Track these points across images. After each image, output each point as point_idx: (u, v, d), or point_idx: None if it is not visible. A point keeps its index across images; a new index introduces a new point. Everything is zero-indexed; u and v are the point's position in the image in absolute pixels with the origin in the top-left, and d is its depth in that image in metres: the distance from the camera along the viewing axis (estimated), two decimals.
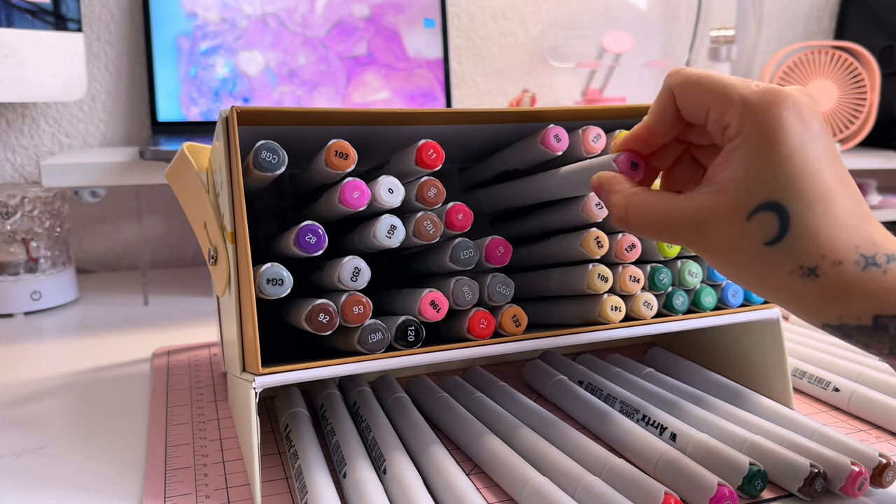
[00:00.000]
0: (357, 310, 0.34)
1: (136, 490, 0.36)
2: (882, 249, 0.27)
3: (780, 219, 0.27)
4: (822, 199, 0.27)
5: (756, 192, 0.28)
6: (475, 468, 0.37)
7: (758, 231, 0.28)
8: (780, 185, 0.27)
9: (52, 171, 0.62)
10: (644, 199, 0.31)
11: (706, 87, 0.30)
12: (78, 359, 0.54)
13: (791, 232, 0.27)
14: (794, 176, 0.27)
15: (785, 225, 0.27)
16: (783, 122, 0.28)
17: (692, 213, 0.29)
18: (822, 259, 0.27)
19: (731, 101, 0.29)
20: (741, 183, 0.28)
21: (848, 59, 0.94)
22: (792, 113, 0.28)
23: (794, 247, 0.27)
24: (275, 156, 0.34)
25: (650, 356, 0.52)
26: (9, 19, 0.63)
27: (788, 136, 0.28)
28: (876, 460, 0.35)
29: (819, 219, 0.27)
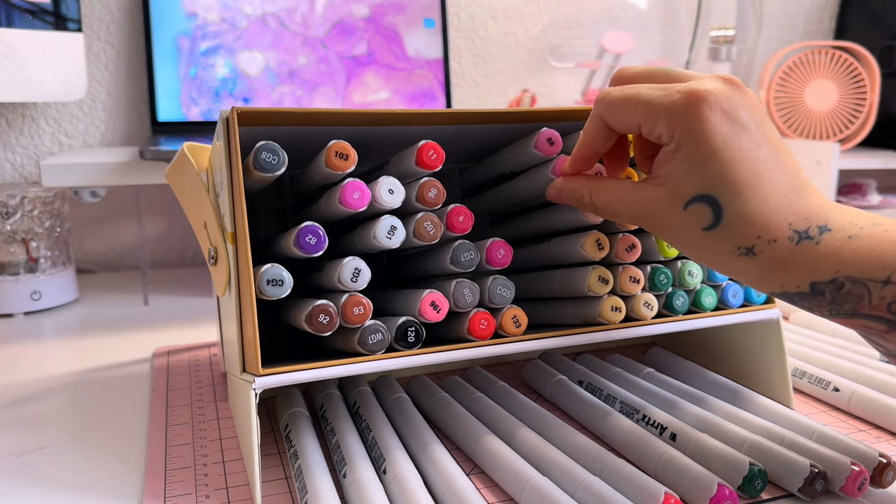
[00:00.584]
0: (357, 310, 0.34)
1: (136, 490, 0.36)
2: (815, 221, 0.30)
3: (712, 209, 0.30)
4: (751, 186, 0.30)
5: (688, 186, 0.31)
6: (475, 468, 0.37)
7: (695, 219, 0.31)
8: (708, 179, 0.30)
9: (52, 171, 0.62)
10: (603, 185, 0.35)
11: (631, 108, 0.32)
12: (78, 359, 0.54)
13: (724, 219, 0.30)
14: (720, 170, 0.30)
15: (718, 213, 0.30)
16: (705, 123, 0.30)
17: (641, 200, 0.33)
18: (758, 239, 0.30)
19: (655, 115, 0.31)
20: (675, 178, 0.31)
21: (848, 59, 0.94)
22: (714, 112, 0.30)
23: (730, 231, 0.30)
24: (275, 156, 0.34)
25: (650, 356, 0.52)
26: (9, 19, 0.63)
27: (713, 135, 0.30)
28: (876, 460, 0.35)
29: (749, 204, 0.30)
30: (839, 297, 0.29)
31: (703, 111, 0.30)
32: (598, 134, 0.35)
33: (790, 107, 0.96)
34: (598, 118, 0.34)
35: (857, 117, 0.94)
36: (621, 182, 0.34)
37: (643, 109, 0.32)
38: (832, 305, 0.30)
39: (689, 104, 0.30)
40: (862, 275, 0.28)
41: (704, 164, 0.30)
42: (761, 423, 0.39)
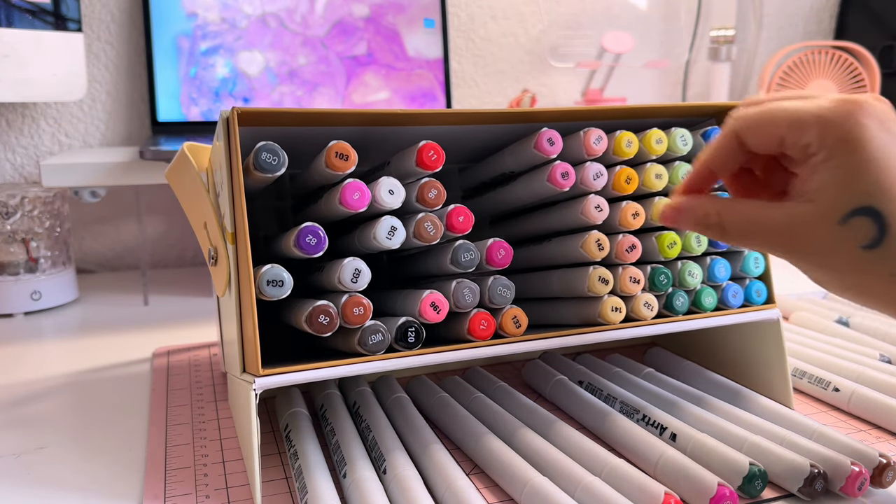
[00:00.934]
0: (357, 311, 0.34)
1: (136, 490, 0.36)
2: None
3: (876, 222, 0.27)
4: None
5: (846, 197, 0.28)
6: (475, 468, 0.37)
7: (853, 235, 0.28)
8: (869, 189, 0.27)
9: (52, 171, 0.62)
10: (735, 204, 0.31)
11: (776, 121, 0.30)
12: (78, 359, 0.54)
13: (890, 234, 0.27)
14: (883, 177, 0.27)
15: (882, 228, 0.27)
16: (863, 129, 0.28)
17: (783, 219, 0.29)
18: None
19: (806, 124, 0.29)
20: (829, 190, 0.28)
21: (848, 59, 0.94)
22: (871, 119, 0.28)
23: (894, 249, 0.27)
24: (275, 157, 0.34)
25: (650, 356, 0.52)
26: (9, 19, 0.63)
27: (870, 141, 0.27)
28: (876, 460, 0.35)
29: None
30: None
31: (860, 117, 0.28)
32: (727, 152, 0.32)
33: None
34: (731, 135, 0.31)
35: None
36: (756, 202, 0.31)
37: (790, 118, 0.29)
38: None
39: (847, 110, 0.28)
40: None
41: (863, 172, 0.27)
42: (761, 424, 0.39)
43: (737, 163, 0.32)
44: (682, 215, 0.33)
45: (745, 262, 0.43)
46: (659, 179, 0.41)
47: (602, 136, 0.40)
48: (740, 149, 0.31)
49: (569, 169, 0.39)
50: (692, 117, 0.45)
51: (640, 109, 0.42)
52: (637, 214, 0.41)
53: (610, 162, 0.41)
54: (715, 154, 0.32)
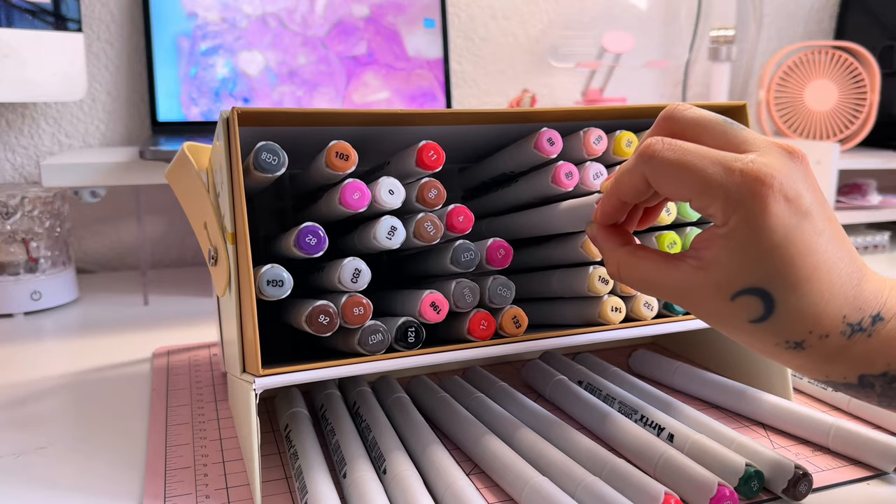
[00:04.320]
0: (357, 311, 0.34)
1: (136, 490, 0.36)
2: (868, 311, 0.28)
3: (764, 302, 0.28)
4: (809, 280, 0.27)
5: (739, 278, 0.28)
6: (475, 468, 0.37)
7: (742, 311, 0.28)
8: (764, 274, 0.27)
9: (52, 171, 0.62)
10: (636, 263, 0.32)
11: (684, 179, 0.28)
12: (78, 359, 0.54)
13: (776, 314, 0.28)
14: (778, 265, 0.27)
15: (769, 308, 0.28)
16: (768, 215, 0.27)
17: (679, 283, 0.30)
18: (809, 334, 0.28)
19: (712, 196, 0.28)
20: (724, 267, 0.28)
21: (848, 59, 0.94)
22: (777, 200, 0.27)
23: (780, 325, 0.28)
24: (275, 157, 0.34)
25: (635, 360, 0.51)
26: (9, 19, 0.63)
27: (774, 229, 0.27)
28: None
29: (805, 299, 0.27)
30: (890, 390, 0.28)
31: (767, 200, 0.27)
32: (636, 189, 0.31)
33: (790, 107, 0.96)
34: (640, 175, 0.30)
35: (857, 117, 0.94)
36: (655, 258, 0.31)
37: (698, 185, 0.28)
38: (882, 398, 0.28)
39: (752, 191, 0.27)
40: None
41: (761, 259, 0.27)
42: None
43: (646, 195, 0.31)
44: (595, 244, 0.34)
45: None
46: None
47: (602, 136, 0.40)
48: (648, 187, 0.30)
49: (573, 169, 0.39)
50: None
51: (640, 109, 0.42)
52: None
53: (610, 162, 0.41)
54: (621, 186, 0.31)
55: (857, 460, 0.37)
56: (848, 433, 0.38)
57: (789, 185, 0.27)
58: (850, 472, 0.36)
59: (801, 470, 0.34)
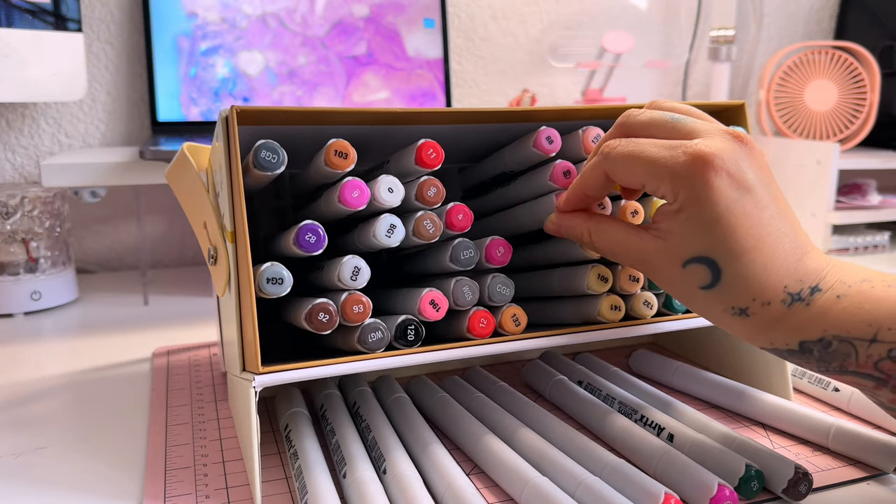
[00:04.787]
0: (357, 309, 0.34)
1: (136, 490, 0.36)
2: (808, 283, 0.30)
3: (711, 270, 0.31)
4: (752, 250, 0.30)
5: (689, 246, 0.31)
6: (475, 468, 0.37)
7: (692, 278, 0.31)
8: (709, 243, 0.30)
9: (52, 171, 0.62)
10: (604, 227, 0.35)
11: (636, 167, 0.32)
12: (78, 359, 0.54)
13: (722, 281, 0.31)
14: (722, 235, 0.30)
15: (717, 275, 0.31)
16: (711, 189, 0.30)
17: (641, 250, 0.33)
18: (752, 301, 0.30)
19: (660, 177, 0.31)
20: (676, 237, 0.31)
21: (848, 59, 0.94)
22: (720, 176, 0.30)
23: (726, 292, 0.31)
24: (274, 155, 0.34)
25: (635, 360, 0.51)
26: (9, 19, 0.63)
27: (717, 200, 0.30)
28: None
29: (748, 268, 0.30)
30: (827, 356, 0.30)
31: (708, 176, 0.30)
32: (597, 183, 0.35)
33: (790, 107, 0.96)
34: (599, 170, 0.34)
35: (857, 117, 0.94)
36: (622, 226, 0.34)
37: (648, 169, 0.31)
38: (820, 363, 0.30)
39: (695, 168, 0.30)
40: (849, 333, 0.29)
41: (707, 229, 0.30)
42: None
43: (608, 189, 0.35)
44: (562, 230, 0.38)
45: None
46: None
47: (601, 134, 0.40)
48: (609, 180, 0.34)
49: (571, 167, 0.39)
50: None
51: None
52: (636, 212, 0.41)
53: None
54: (584, 181, 0.35)
55: (857, 460, 0.37)
56: (848, 433, 0.38)
57: (731, 163, 0.30)
58: (849, 472, 0.36)
59: (801, 470, 0.34)
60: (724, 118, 0.45)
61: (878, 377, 0.29)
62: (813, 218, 0.87)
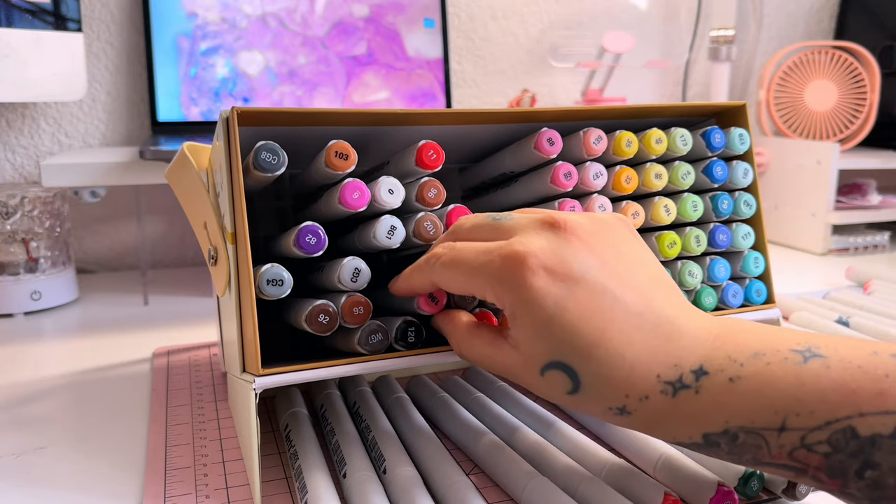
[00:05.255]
0: (357, 311, 0.34)
1: (136, 490, 0.36)
2: (687, 366, 0.26)
3: (568, 375, 0.28)
4: (599, 345, 0.27)
5: (538, 354, 0.28)
6: (475, 468, 0.37)
7: (555, 384, 0.28)
8: (553, 346, 0.27)
9: (52, 171, 0.62)
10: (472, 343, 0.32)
11: (458, 276, 0.30)
12: (78, 359, 0.54)
13: (584, 384, 0.27)
14: (561, 336, 0.27)
15: (575, 379, 0.28)
16: (531, 290, 0.27)
17: (503, 363, 0.30)
18: (626, 399, 0.27)
19: (481, 285, 0.29)
20: (524, 345, 0.29)
21: (848, 59, 0.94)
22: (537, 275, 0.27)
23: (594, 394, 0.27)
24: (275, 156, 0.34)
25: None
26: (9, 19, 0.63)
27: (543, 302, 0.27)
28: None
29: (604, 364, 0.27)
30: (736, 448, 0.26)
31: (525, 277, 0.27)
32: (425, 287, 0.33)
33: (790, 107, 0.96)
34: (427, 278, 0.33)
35: (857, 117, 0.94)
36: (486, 338, 0.31)
37: (469, 277, 0.30)
38: (731, 455, 0.26)
39: (511, 270, 0.28)
40: (754, 424, 0.25)
41: (544, 331, 0.28)
42: None
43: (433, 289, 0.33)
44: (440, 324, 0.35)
45: (745, 261, 0.43)
46: (658, 179, 0.41)
47: (602, 136, 0.40)
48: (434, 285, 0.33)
49: (571, 169, 0.39)
50: (692, 117, 0.45)
51: (640, 109, 0.42)
52: (637, 214, 0.41)
53: (610, 162, 0.41)
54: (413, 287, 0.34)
55: None
56: None
57: (547, 257, 0.28)
58: None
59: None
60: (725, 118, 0.45)
61: (795, 467, 0.25)
62: (813, 218, 0.87)
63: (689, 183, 0.41)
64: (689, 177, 0.41)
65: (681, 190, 0.42)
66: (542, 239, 0.28)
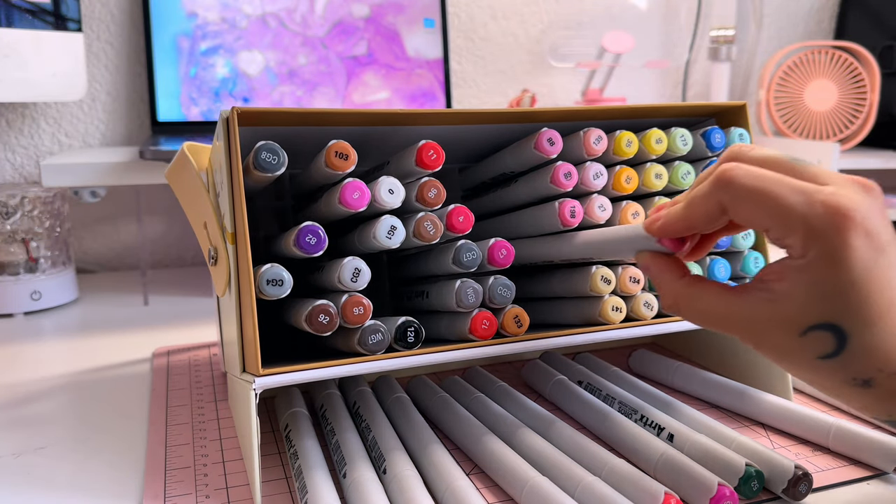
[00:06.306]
0: (357, 311, 0.34)
1: (136, 490, 0.36)
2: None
3: (836, 338, 0.27)
4: (884, 317, 0.26)
5: (813, 312, 0.27)
6: (475, 468, 0.37)
7: (812, 346, 0.27)
8: (839, 309, 0.26)
9: (52, 171, 0.62)
10: (697, 294, 0.30)
11: (765, 206, 0.27)
12: (78, 359, 0.54)
13: (847, 350, 0.27)
14: (855, 302, 0.26)
15: (842, 344, 0.27)
16: (850, 249, 0.26)
17: (746, 317, 0.28)
18: (878, 372, 0.27)
19: (791, 225, 0.27)
20: (797, 300, 0.27)
21: (848, 59, 0.94)
22: (859, 235, 0.26)
23: (850, 362, 0.27)
24: (275, 156, 0.34)
25: (635, 360, 0.51)
26: (9, 19, 0.63)
27: (854, 264, 0.26)
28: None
29: (878, 337, 0.26)
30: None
31: (848, 235, 0.26)
32: (709, 215, 0.29)
33: (790, 107, 0.96)
34: (715, 202, 0.29)
35: (857, 117, 0.94)
36: (717, 290, 0.30)
37: (779, 214, 0.27)
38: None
39: (834, 224, 0.26)
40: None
41: (838, 294, 0.26)
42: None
43: (721, 224, 0.30)
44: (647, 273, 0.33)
45: (745, 261, 0.43)
46: (659, 179, 0.41)
47: (602, 136, 0.40)
48: (723, 214, 0.29)
49: (571, 169, 0.39)
50: (692, 117, 0.45)
51: (640, 109, 0.42)
52: (637, 214, 0.41)
53: (610, 162, 0.41)
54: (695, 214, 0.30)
55: (857, 460, 0.37)
56: (848, 433, 0.38)
57: (870, 220, 0.26)
58: (849, 471, 0.36)
59: (801, 470, 0.34)
60: (725, 118, 0.45)
61: None
62: None
63: (689, 183, 0.41)
64: (689, 177, 0.41)
65: (681, 190, 0.42)
66: (863, 198, 0.27)
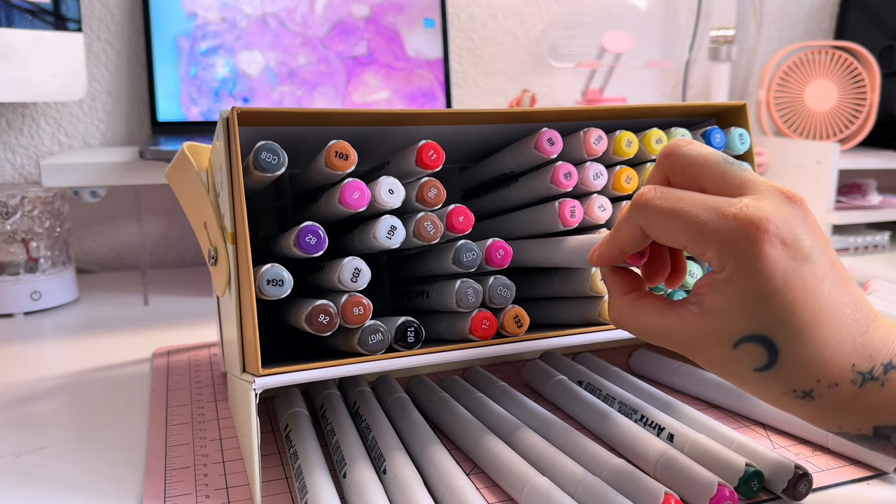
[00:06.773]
0: (357, 311, 0.34)
1: (136, 490, 0.36)
2: (879, 359, 0.27)
3: (767, 350, 0.27)
4: (812, 326, 0.26)
5: (740, 324, 0.27)
6: (475, 468, 0.37)
7: (745, 359, 0.27)
8: (764, 320, 0.27)
9: (52, 171, 0.62)
10: (639, 310, 0.31)
11: (677, 227, 0.28)
12: (78, 359, 0.54)
13: (780, 362, 0.27)
14: (779, 311, 0.26)
15: (773, 355, 0.27)
16: (765, 260, 0.26)
17: (682, 332, 0.29)
18: (817, 383, 0.27)
19: (705, 242, 0.27)
20: (724, 314, 0.27)
21: (848, 59, 0.94)
22: (774, 245, 0.26)
23: (785, 374, 0.27)
24: (275, 156, 0.34)
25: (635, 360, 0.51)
26: (9, 19, 0.63)
27: (772, 274, 0.26)
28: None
29: (809, 346, 0.26)
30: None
31: (762, 245, 0.26)
32: (633, 238, 0.30)
33: (790, 107, 0.96)
34: (635, 224, 0.30)
35: (857, 117, 0.94)
36: (656, 306, 0.30)
37: (692, 231, 0.28)
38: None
39: (747, 235, 0.26)
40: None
41: (761, 305, 0.26)
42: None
43: (646, 244, 0.31)
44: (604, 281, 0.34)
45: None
46: None
47: (602, 136, 0.40)
48: (646, 236, 0.30)
49: (571, 169, 0.39)
50: (692, 117, 0.45)
51: (640, 109, 0.42)
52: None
53: (610, 162, 0.41)
54: (618, 237, 0.31)
55: (857, 460, 0.37)
56: None
57: (786, 229, 0.27)
58: (849, 472, 0.36)
59: (801, 470, 0.34)
60: (725, 118, 0.45)
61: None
62: None
63: None
64: None
65: None
66: (780, 208, 0.27)
